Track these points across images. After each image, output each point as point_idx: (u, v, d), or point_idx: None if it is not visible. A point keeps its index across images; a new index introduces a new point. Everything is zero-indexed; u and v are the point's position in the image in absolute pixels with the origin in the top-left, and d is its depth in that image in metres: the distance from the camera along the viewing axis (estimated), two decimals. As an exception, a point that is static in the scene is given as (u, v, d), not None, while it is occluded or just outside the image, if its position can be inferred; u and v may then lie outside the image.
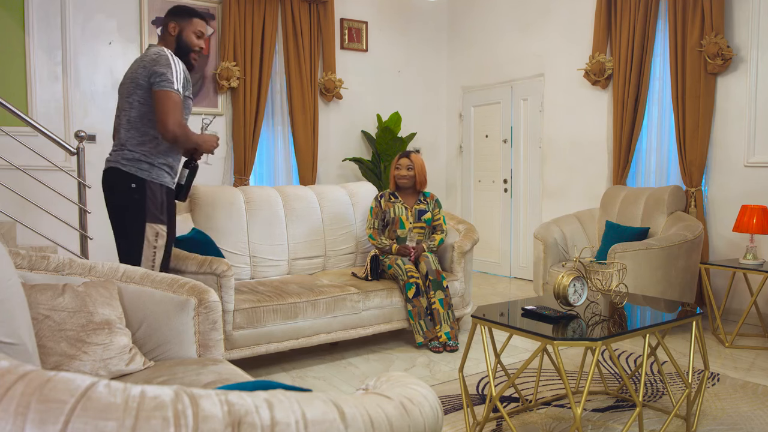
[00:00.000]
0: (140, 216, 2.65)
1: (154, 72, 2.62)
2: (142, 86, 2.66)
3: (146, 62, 2.66)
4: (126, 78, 2.74)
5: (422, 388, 0.99)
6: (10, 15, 4.55)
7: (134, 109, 2.68)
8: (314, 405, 0.81)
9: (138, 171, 2.66)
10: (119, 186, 2.66)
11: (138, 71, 2.67)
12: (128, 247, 2.68)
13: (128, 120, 2.69)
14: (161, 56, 2.66)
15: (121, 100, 2.75)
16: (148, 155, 2.68)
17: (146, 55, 2.70)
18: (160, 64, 2.63)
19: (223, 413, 0.72)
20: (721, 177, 4.44)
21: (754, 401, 2.81)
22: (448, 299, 3.73)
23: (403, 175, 4.01)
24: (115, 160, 2.68)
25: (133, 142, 2.68)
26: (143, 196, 2.65)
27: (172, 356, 2.05)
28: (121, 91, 2.75)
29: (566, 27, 5.50)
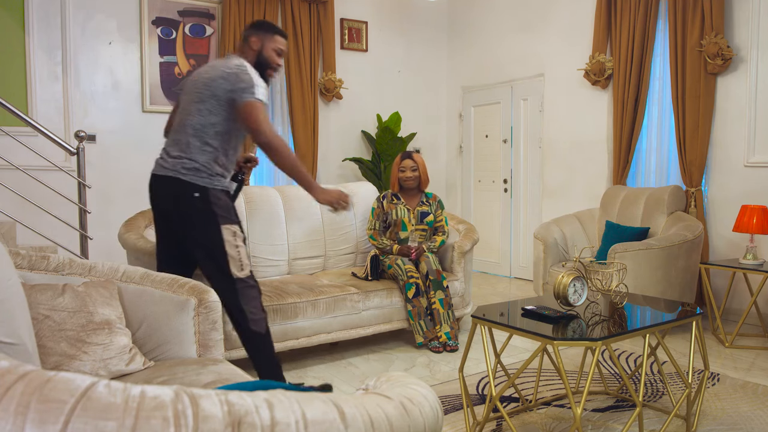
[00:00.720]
0: (213, 221, 2.58)
1: (239, 87, 2.56)
2: (219, 97, 2.58)
3: (228, 74, 2.58)
4: (199, 82, 2.63)
5: (422, 388, 0.99)
6: (10, 15, 4.55)
7: (202, 117, 2.60)
8: (314, 405, 0.81)
9: (198, 180, 2.58)
10: (183, 196, 2.58)
11: (217, 80, 2.58)
12: (211, 254, 2.58)
13: (193, 126, 2.60)
14: (243, 70, 2.59)
15: (187, 101, 2.65)
16: (207, 166, 2.61)
17: (227, 66, 2.62)
18: (243, 79, 2.57)
19: (223, 413, 0.72)
20: (721, 177, 4.44)
21: (754, 401, 2.81)
22: (448, 299, 3.73)
23: (408, 176, 3.99)
24: (175, 170, 2.58)
25: (194, 151, 2.59)
26: (208, 203, 2.58)
27: (172, 356, 2.05)
28: (190, 92, 2.65)
29: (566, 27, 5.50)
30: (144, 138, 5.09)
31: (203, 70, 2.69)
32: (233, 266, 2.57)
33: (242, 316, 2.60)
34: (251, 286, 2.63)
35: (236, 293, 2.58)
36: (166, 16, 5.15)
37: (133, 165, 5.04)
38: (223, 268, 2.57)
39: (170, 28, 5.18)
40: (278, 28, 2.85)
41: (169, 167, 2.60)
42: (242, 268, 2.59)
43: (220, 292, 2.57)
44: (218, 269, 2.58)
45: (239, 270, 2.58)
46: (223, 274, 2.57)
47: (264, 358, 2.66)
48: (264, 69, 2.77)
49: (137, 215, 3.51)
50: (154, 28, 5.11)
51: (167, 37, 5.17)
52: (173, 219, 2.65)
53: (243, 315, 2.60)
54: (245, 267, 2.61)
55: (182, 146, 2.61)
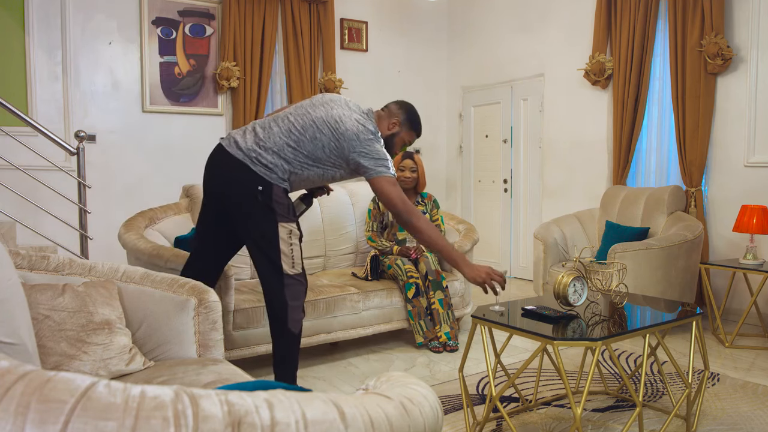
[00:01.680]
0: (271, 218, 2.55)
1: (373, 157, 2.56)
2: (340, 149, 2.56)
3: (357, 133, 2.55)
4: (326, 112, 2.59)
5: (422, 388, 0.99)
6: (10, 15, 4.55)
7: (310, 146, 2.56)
8: (314, 405, 0.81)
9: (265, 175, 2.54)
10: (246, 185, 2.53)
11: (346, 134, 2.55)
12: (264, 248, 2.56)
13: (297, 142, 2.56)
14: (371, 138, 2.58)
15: (301, 117, 2.59)
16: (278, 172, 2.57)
17: (361, 123, 2.58)
18: (377, 150, 2.57)
19: (223, 413, 0.72)
20: (721, 177, 4.44)
21: (754, 401, 2.81)
22: (448, 299, 3.73)
23: (407, 176, 3.99)
24: (248, 156, 2.52)
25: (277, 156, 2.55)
26: (270, 198, 2.54)
27: (172, 356, 2.05)
28: (317, 115, 2.60)
29: (566, 27, 5.50)
30: (144, 138, 5.09)
31: (337, 104, 2.64)
32: (285, 262, 2.56)
33: (284, 311, 2.58)
34: (300, 283, 2.62)
35: (283, 287, 2.57)
36: (166, 16, 5.15)
37: (133, 165, 5.05)
38: (275, 262, 2.56)
39: (170, 28, 5.18)
40: (420, 131, 2.86)
41: (243, 151, 2.54)
42: (293, 266, 2.59)
43: (268, 283, 2.58)
44: (270, 262, 2.57)
45: (290, 267, 2.58)
46: (274, 268, 2.56)
47: (288, 357, 2.66)
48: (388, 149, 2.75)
49: (137, 215, 3.51)
50: (154, 28, 5.11)
51: (167, 37, 5.17)
52: (227, 203, 2.60)
53: (285, 309, 2.58)
54: (296, 265, 2.60)
55: (270, 144, 2.55)
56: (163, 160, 5.14)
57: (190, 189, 3.82)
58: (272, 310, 2.61)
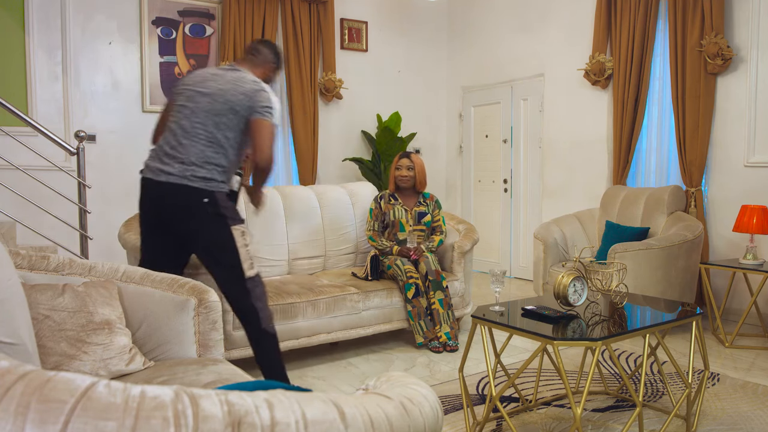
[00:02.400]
0: (223, 224, 2.59)
1: (260, 105, 2.62)
2: (238, 113, 2.62)
3: (246, 90, 2.62)
4: (211, 92, 2.63)
5: (422, 388, 0.99)
6: (10, 15, 4.55)
7: (220, 132, 2.62)
8: (314, 405, 0.81)
9: (206, 186, 2.59)
10: (193, 203, 2.58)
11: (238, 96, 2.61)
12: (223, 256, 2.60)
13: (209, 138, 2.60)
14: (263, 87, 2.66)
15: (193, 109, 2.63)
16: (216, 175, 2.62)
17: (243, 81, 2.64)
18: (262, 96, 2.63)
19: (223, 413, 0.72)
20: (721, 177, 4.44)
21: (754, 401, 2.81)
22: (448, 299, 3.73)
23: (403, 175, 4.01)
24: (183, 176, 2.56)
25: (209, 161, 2.60)
26: (217, 207, 2.60)
27: (172, 356, 2.05)
28: (198, 101, 2.63)
29: (566, 27, 5.50)
30: (144, 138, 5.06)
31: (213, 79, 2.67)
32: (245, 265, 2.60)
33: (254, 315, 2.61)
34: (260, 283, 2.66)
35: (248, 293, 2.60)
36: (166, 16, 5.15)
37: (133, 165, 5.01)
38: (236, 268, 2.59)
39: (170, 28, 5.18)
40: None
41: (176, 173, 2.57)
42: (252, 267, 2.64)
43: (232, 293, 2.61)
44: (231, 271, 2.60)
45: (250, 268, 2.62)
46: (236, 275, 2.59)
47: (272, 359, 2.67)
48: None
49: (137, 215, 3.50)
50: (154, 28, 5.11)
51: (167, 37, 5.17)
52: (178, 225, 2.64)
53: (255, 313, 2.61)
54: (254, 266, 2.65)
55: (194, 154, 2.59)
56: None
57: (190, 189, 3.82)
58: (244, 317, 2.64)
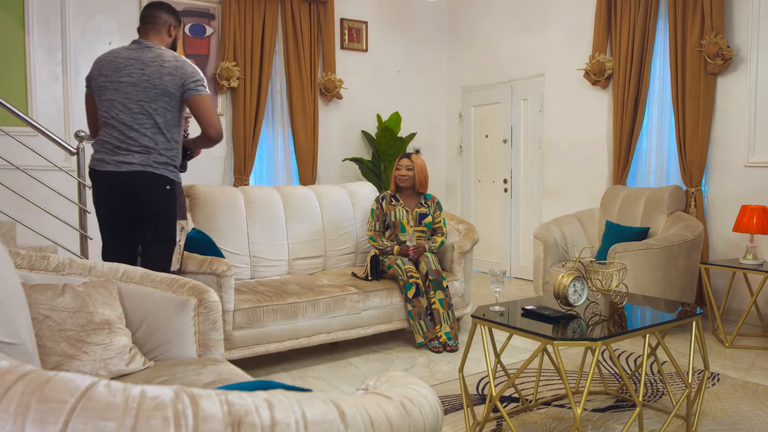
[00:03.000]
0: (173, 216, 2.73)
1: (189, 80, 2.65)
2: (172, 95, 2.65)
3: (171, 69, 2.64)
4: (135, 78, 2.64)
5: (422, 388, 0.99)
6: (10, 15, 4.55)
7: (160, 116, 2.66)
8: (314, 405, 0.81)
9: (169, 173, 2.70)
10: (156, 189, 2.66)
11: (163, 78, 2.63)
12: (162, 247, 2.73)
13: (155, 125, 2.66)
14: (185, 62, 2.69)
15: (127, 99, 2.65)
16: (173, 159, 2.73)
17: (162, 59, 2.66)
18: (189, 71, 2.66)
19: (223, 413, 0.72)
20: (721, 177, 4.44)
21: (754, 401, 2.81)
22: (448, 299, 3.73)
23: (403, 175, 4.02)
24: (144, 164, 2.64)
25: (163, 147, 2.68)
26: (175, 197, 2.72)
27: (172, 356, 2.05)
28: (128, 90, 2.65)
29: (566, 27, 5.50)
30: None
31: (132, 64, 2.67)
32: (175, 260, 2.76)
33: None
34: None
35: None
36: (166, 16, 5.14)
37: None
38: (167, 260, 2.72)
39: (170, 28, 5.17)
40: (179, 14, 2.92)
41: (136, 162, 2.65)
42: (178, 262, 2.80)
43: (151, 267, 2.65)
44: (164, 259, 2.71)
45: (177, 263, 2.79)
46: (162, 265, 2.69)
47: None
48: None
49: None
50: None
51: (167, 37, 5.17)
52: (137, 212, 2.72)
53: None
54: (178, 262, 2.81)
55: (148, 143, 2.66)
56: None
57: (190, 189, 3.82)
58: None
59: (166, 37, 2.81)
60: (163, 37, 2.80)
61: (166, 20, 2.80)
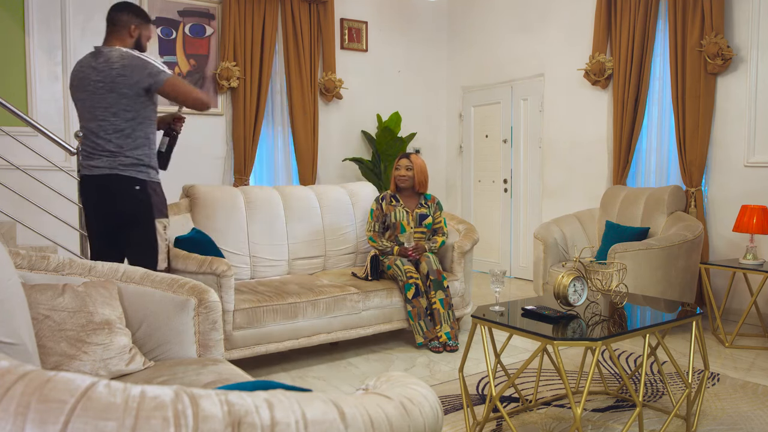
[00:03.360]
0: (150, 215, 2.74)
1: (142, 76, 2.64)
2: (127, 95, 2.66)
3: (119, 69, 2.64)
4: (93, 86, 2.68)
5: (422, 388, 0.99)
6: (10, 15, 4.55)
7: (121, 119, 2.68)
8: (314, 405, 0.81)
9: (138, 173, 2.72)
10: (124, 191, 2.70)
11: (116, 80, 2.64)
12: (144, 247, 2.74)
13: (115, 129, 2.69)
14: (133, 57, 2.67)
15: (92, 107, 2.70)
16: (144, 158, 2.74)
17: (111, 62, 2.66)
18: (139, 66, 2.65)
19: (223, 413, 0.72)
20: (721, 177, 4.44)
21: (754, 401, 2.81)
22: (449, 299, 3.73)
23: (402, 174, 4.02)
24: (111, 167, 2.69)
25: (128, 148, 2.71)
26: (148, 196, 2.73)
27: (172, 356, 2.05)
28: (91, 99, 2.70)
29: (566, 27, 5.49)
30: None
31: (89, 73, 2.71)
32: (160, 259, 2.77)
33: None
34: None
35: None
36: (166, 16, 5.15)
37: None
38: (153, 259, 2.73)
39: (170, 28, 5.18)
40: (149, 16, 2.91)
41: (104, 166, 2.69)
42: (165, 261, 2.82)
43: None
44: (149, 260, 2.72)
45: (163, 261, 2.80)
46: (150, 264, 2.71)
47: None
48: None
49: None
50: (153, 28, 5.10)
51: (167, 37, 5.17)
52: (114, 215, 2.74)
53: None
54: (165, 261, 2.83)
55: (113, 147, 2.69)
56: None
57: (190, 189, 3.82)
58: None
59: (128, 38, 2.80)
60: (125, 38, 2.79)
61: (126, 21, 2.79)
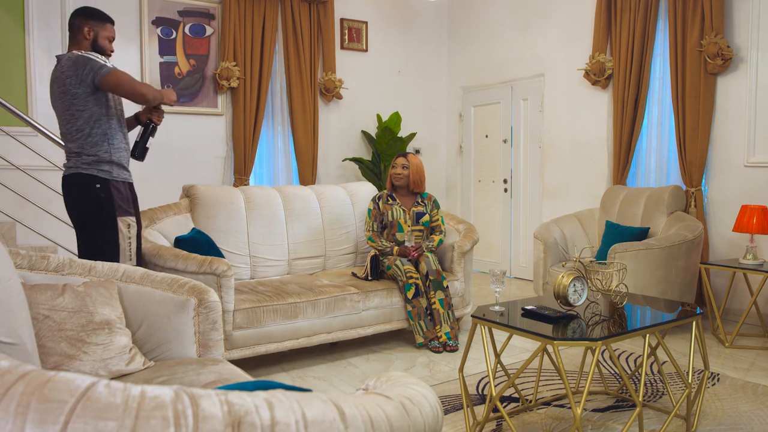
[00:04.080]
0: (111, 213, 2.75)
1: (85, 72, 2.66)
2: (77, 94, 2.70)
3: (67, 70, 2.68)
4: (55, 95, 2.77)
5: (422, 388, 0.99)
6: (10, 15, 4.55)
7: (77, 118, 2.73)
8: (314, 405, 0.81)
9: (100, 172, 2.75)
10: (84, 189, 2.73)
11: (66, 81, 2.69)
12: (104, 244, 2.75)
13: (77, 129, 2.74)
14: (76, 57, 2.70)
15: (59, 114, 2.81)
16: (104, 154, 2.77)
17: (61, 66, 2.72)
18: (81, 64, 2.67)
19: (223, 413, 0.72)
20: (721, 177, 4.44)
21: (754, 401, 2.81)
22: (449, 299, 3.73)
23: (398, 173, 4.02)
24: (75, 166, 2.75)
25: (88, 147, 2.75)
26: (109, 194, 2.75)
27: (172, 356, 2.05)
28: (56, 105, 2.80)
29: (566, 27, 5.50)
30: (144, 138, 5.07)
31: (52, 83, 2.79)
32: (122, 257, 2.76)
33: None
34: None
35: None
36: (166, 16, 5.15)
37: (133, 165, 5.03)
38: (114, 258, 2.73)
39: (170, 28, 5.18)
40: (108, 16, 2.90)
41: (70, 165, 2.76)
42: (130, 259, 2.79)
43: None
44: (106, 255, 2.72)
45: (127, 260, 2.78)
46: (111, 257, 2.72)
47: None
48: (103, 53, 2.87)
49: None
50: (154, 28, 5.10)
51: (167, 37, 5.17)
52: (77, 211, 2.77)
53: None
54: (132, 258, 2.80)
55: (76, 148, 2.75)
56: (163, 160, 5.14)
57: (190, 189, 3.82)
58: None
59: (83, 41, 2.82)
60: (80, 41, 2.82)
61: (79, 25, 2.81)
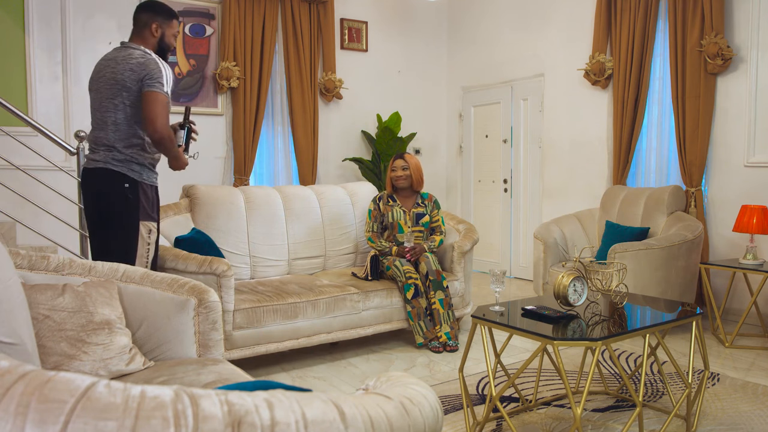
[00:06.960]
0: (134, 215, 2.70)
1: (146, 75, 2.63)
2: (130, 89, 2.66)
3: (133, 65, 2.65)
4: (105, 77, 2.70)
5: (422, 388, 0.99)
6: (10, 15, 4.55)
7: (120, 112, 2.68)
8: (314, 405, 0.81)
9: (130, 172, 2.70)
10: (112, 186, 2.68)
11: (124, 73, 2.65)
12: (123, 246, 2.70)
13: (114, 122, 2.69)
14: (150, 60, 2.67)
15: (100, 99, 2.72)
16: (137, 156, 2.72)
17: (130, 57, 2.67)
18: (149, 68, 2.64)
19: (223, 413, 0.72)
20: (721, 177, 4.44)
21: (754, 401, 2.81)
22: (449, 299, 3.73)
23: (399, 175, 4.01)
24: (105, 161, 2.68)
25: (122, 144, 2.69)
26: (137, 196, 2.70)
27: (172, 356, 2.05)
28: (100, 89, 2.72)
29: (566, 27, 5.49)
30: (144, 138, 5.07)
31: (107, 65, 2.72)
32: (138, 263, 2.72)
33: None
34: None
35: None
36: (166, 16, 5.14)
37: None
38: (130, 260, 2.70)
39: (170, 28, 5.17)
40: (174, 12, 2.89)
41: (99, 159, 2.69)
42: (146, 265, 2.75)
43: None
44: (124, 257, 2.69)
45: (144, 266, 2.74)
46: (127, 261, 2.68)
47: None
48: (164, 55, 2.84)
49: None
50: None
51: (167, 37, 5.17)
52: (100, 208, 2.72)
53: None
54: (148, 266, 2.76)
55: (110, 141, 2.69)
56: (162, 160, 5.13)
57: (190, 189, 3.82)
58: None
59: (150, 38, 2.79)
60: (146, 37, 2.79)
61: (146, 20, 2.79)
